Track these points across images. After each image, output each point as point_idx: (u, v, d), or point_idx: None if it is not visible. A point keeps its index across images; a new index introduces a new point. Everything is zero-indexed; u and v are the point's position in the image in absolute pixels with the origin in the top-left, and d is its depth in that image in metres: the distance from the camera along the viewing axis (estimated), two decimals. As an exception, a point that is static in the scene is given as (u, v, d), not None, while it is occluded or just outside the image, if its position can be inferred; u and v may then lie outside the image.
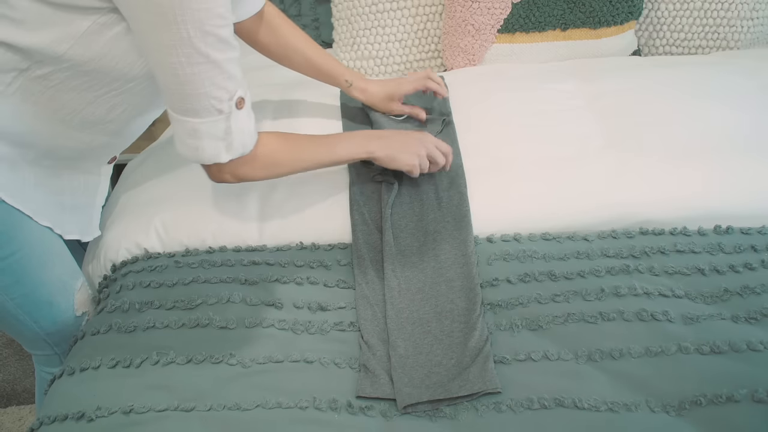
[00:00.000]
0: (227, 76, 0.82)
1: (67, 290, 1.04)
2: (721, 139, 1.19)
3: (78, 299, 1.05)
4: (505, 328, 0.92)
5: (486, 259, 1.03)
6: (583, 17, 1.47)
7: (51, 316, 1.02)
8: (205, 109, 0.83)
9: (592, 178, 1.14)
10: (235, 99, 0.85)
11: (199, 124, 0.84)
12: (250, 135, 0.90)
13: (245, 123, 0.88)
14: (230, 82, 0.83)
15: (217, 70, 0.81)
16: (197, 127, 0.84)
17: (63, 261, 1.03)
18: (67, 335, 1.05)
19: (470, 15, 1.45)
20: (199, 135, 0.85)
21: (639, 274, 0.99)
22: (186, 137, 0.86)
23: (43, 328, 1.03)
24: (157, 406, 0.84)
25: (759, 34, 1.54)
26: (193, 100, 0.82)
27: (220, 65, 0.81)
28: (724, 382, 0.82)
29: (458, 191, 1.10)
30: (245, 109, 0.87)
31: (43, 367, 1.13)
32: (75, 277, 1.05)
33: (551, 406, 0.81)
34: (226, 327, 0.95)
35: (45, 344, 1.06)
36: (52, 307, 1.02)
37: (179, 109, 0.84)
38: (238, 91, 0.85)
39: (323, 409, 0.83)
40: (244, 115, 0.87)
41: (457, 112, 1.30)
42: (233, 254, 1.08)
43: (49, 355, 1.08)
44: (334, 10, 1.55)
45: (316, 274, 1.03)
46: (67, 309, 1.04)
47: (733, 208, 1.09)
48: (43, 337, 1.04)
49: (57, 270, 1.01)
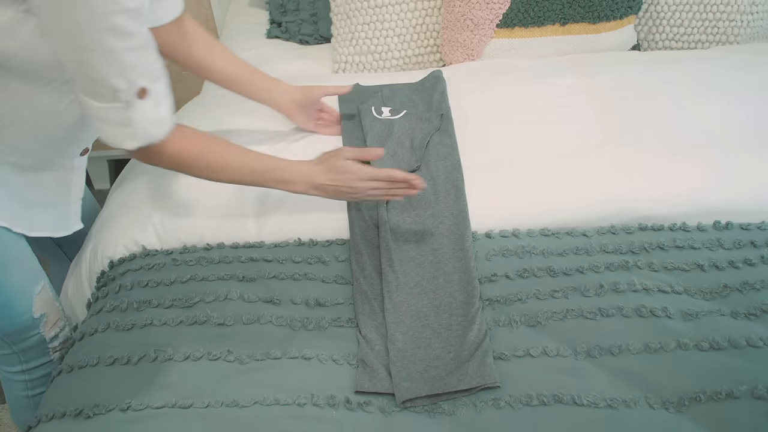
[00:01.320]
0: (126, 66, 0.80)
1: (26, 294, 1.02)
2: (720, 135, 1.19)
3: (37, 302, 1.03)
4: (504, 324, 0.92)
5: (485, 255, 1.03)
6: (582, 12, 1.47)
7: (8, 318, 1.01)
8: (103, 95, 0.82)
9: (591, 173, 1.14)
10: (135, 89, 0.82)
11: (99, 109, 0.83)
12: (158, 125, 0.88)
13: (150, 113, 0.86)
14: (130, 72, 0.81)
15: (112, 58, 0.79)
16: (98, 111, 0.84)
17: (22, 265, 1.01)
18: (24, 335, 1.04)
19: (469, 10, 1.44)
20: (101, 119, 0.85)
21: (638, 270, 0.99)
22: (93, 119, 0.86)
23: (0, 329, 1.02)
24: (155, 403, 0.84)
25: (758, 29, 1.53)
26: (92, 84, 0.81)
27: (117, 54, 0.79)
28: (723, 378, 0.82)
29: (455, 186, 1.10)
30: (149, 99, 0.85)
31: (3, 367, 1.11)
32: (35, 281, 1.03)
33: (550, 402, 0.81)
34: (224, 324, 0.94)
35: (2, 343, 1.05)
36: (10, 310, 1.00)
37: (85, 90, 0.83)
38: (138, 81, 0.82)
39: (321, 406, 0.83)
40: (149, 105, 0.85)
41: (455, 107, 1.30)
42: (231, 251, 1.08)
43: (8, 354, 1.07)
44: (332, 5, 1.54)
45: (314, 270, 1.03)
46: (24, 311, 1.02)
47: (732, 203, 1.09)
48: (1, 336, 1.03)
49: (16, 275, 1.00)
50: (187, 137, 0.95)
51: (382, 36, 1.52)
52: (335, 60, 1.58)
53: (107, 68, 0.79)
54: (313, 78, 1.27)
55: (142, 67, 0.83)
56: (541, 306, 0.94)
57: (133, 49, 0.80)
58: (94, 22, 0.75)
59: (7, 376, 1.12)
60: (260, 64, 1.35)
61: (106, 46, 0.77)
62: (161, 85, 0.87)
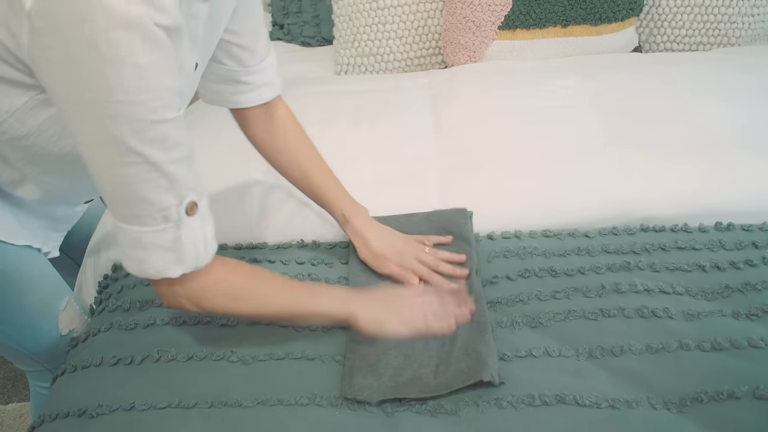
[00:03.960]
0: (172, 179, 0.70)
1: (50, 312, 0.99)
2: (721, 136, 1.19)
3: (63, 319, 1.00)
4: (506, 325, 0.92)
5: (486, 257, 1.03)
6: (583, 14, 1.47)
7: (34, 338, 0.99)
8: (149, 216, 0.71)
9: (592, 175, 1.14)
10: (185, 204, 0.73)
11: (143, 234, 0.72)
12: (205, 246, 0.77)
13: (198, 232, 0.75)
14: (177, 185, 0.71)
15: (157, 172, 0.69)
16: (141, 236, 0.72)
17: (44, 282, 0.98)
18: (55, 353, 1.02)
19: (471, 12, 1.44)
20: (144, 245, 0.73)
21: (640, 271, 0.99)
22: (130, 248, 0.74)
23: (27, 350, 1.00)
24: (159, 403, 0.84)
25: (760, 31, 1.54)
26: (134, 206, 0.70)
27: (161, 167, 0.68)
28: (725, 378, 0.82)
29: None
30: (198, 215, 0.75)
31: (36, 382, 1.10)
32: (59, 297, 1.00)
33: (552, 402, 0.81)
34: (227, 324, 0.95)
35: (33, 362, 1.03)
36: (34, 330, 0.98)
37: (121, 215, 0.72)
38: (188, 195, 0.73)
39: (324, 406, 0.83)
40: (196, 222, 0.75)
41: (458, 109, 1.30)
42: (234, 252, 1.08)
43: (41, 371, 1.06)
44: (334, 6, 1.54)
45: (318, 271, 1.03)
46: (51, 330, 0.99)
47: (733, 204, 1.09)
48: (30, 356, 1.01)
49: (37, 294, 0.97)
50: (233, 261, 0.84)
51: (384, 38, 1.53)
52: (337, 62, 1.58)
53: (152, 184, 0.69)
54: (315, 80, 1.27)
55: (188, 178, 0.72)
56: (542, 307, 0.94)
57: (176, 158, 0.70)
58: (130, 133, 0.66)
59: (39, 391, 1.11)
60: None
61: (149, 159, 0.67)
62: (206, 201, 0.77)
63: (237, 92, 0.97)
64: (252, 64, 0.96)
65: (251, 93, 0.98)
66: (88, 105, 0.64)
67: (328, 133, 1.27)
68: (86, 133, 0.67)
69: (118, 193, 0.70)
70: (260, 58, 0.97)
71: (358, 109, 1.36)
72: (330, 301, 0.87)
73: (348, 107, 1.37)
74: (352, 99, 1.40)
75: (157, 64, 0.65)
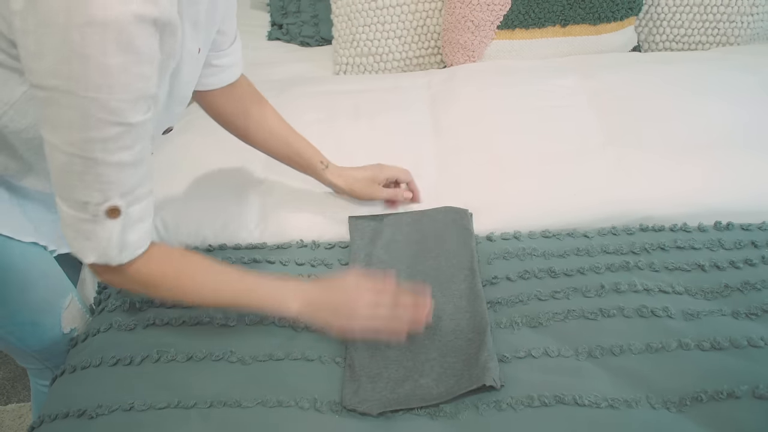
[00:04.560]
0: (102, 180, 0.71)
1: (53, 310, 0.99)
2: (721, 135, 1.19)
3: (65, 317, 1.00)
4: (505, 326, 0.92)
5: (486, 258, 1.03)
6: (582, 13, 1.47)
7: (35, 335, 0.99)
8: (74, 201, 0.73)
9: (592, 174, 1.14)
10: (106, 206, 0.73)
11: (68, 214, 0.75)
12: (120, 250, 0.77)
13: (115, 236, 0.76)
14: (106, 186, 0.72)
15: (90, 169, 0.70)
16: (66, 215, 0.75)
17: (48, 280, 0.98)
18: (55, 351, 1.02)
19: (470, 11, 1.44)
20: (68, 223, 0.76)
21: (639, 271, 0.99)
22: (62, 221, 0.77)
23: (29, 347, 1.00)
24: (158, 403, 0.84)
25: (759, 30, 1.54)
26: (63, 188, 0.73)
27: (95, 166, 0.70)
28: (724, 378, 0.82)
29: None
30: (119, 220, 0.75)
31: (37, 380, 1.10)
32: (62, 295, 1.00)
33: (552, 403, 0.81)
34: (227, 324, 0.94)
35: (34, 359, 1.03)
36: (36, 327, 0.98)
37: (57, 191, 0.75)
38: (113, 199, 0.73)
39: (323, 408, 0.83)
40: (116, 227, 0.75)
41: (457, 108, 1.30)
42: (233, 252, 1.08)
43: (41, 369, 1.06)
44: (333, 6, 1.54)
45: (317, 272, 1.03)
46: (52, 327, 0.99)
47: (733, 204, 1.09)
48: (31, 353, 1.02)
49: (40, 291, 0.96)
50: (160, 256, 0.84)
51: (383, 38, 1.53)
52: (336, 62, 1.58)
53: (81, 177, 0.71)
54: (314, 80, 1.27)
55: (126, 185, 0.74)
56: (542, 307, 0.94)
57: (117, 162, 0.71)
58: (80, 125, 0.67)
59: (40, 389, 1.11)
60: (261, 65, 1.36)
61: (86, 155, 0.69)
62: (138, 209, 0.77)
63: (206, 75, 0.98)
64: (225, 47, 0.98)
65: (221, 74, 1.00)
66: (50, 90, 0.66)
67: (327, 133, 1.27)
68: (44, 117, 0.69)
69: (54, 172, 0.73)
70: (231, 40, 0.99)
71: (357, 109, 1.36)
72: (271, 303, 0.87)
73: (347, 107, 1.37)
74: (351, 99, 1.39)
75: (127, 68, 0.65)
